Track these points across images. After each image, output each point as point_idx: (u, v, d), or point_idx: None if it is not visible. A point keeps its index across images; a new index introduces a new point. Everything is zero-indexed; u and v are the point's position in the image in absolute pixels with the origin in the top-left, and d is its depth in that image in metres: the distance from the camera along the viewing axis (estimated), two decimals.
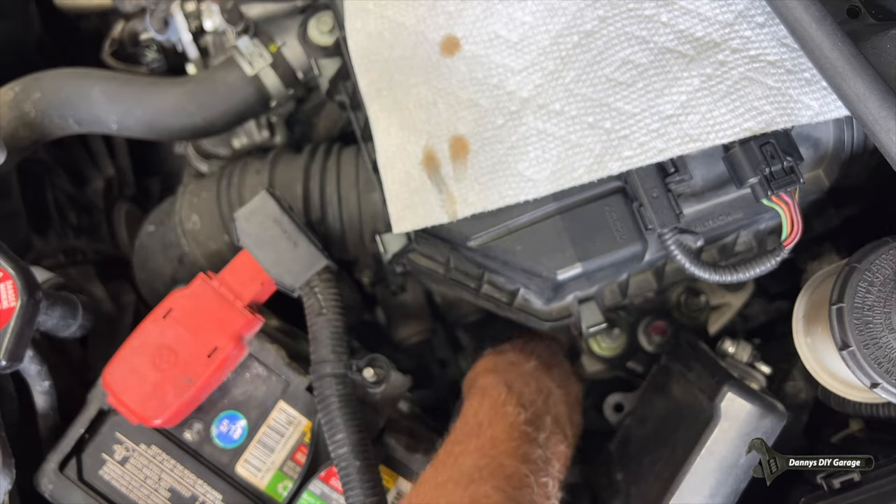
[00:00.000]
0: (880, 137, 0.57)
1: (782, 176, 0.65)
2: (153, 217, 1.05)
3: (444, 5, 0.74)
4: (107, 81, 0.94)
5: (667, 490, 0.72)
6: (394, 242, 0.79)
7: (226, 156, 1.13)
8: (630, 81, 0.69)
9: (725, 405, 0.70)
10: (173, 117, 0.95)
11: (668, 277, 0.83)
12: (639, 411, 0.91)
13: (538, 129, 0.70)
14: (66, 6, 1.10)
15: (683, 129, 0.67)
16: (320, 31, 0.94)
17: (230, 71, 0.96)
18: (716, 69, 0.67)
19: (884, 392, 0.62)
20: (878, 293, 0.63)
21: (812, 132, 0.74)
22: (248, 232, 0.80)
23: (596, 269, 0.73)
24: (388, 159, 0.75)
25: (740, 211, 0.75)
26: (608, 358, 1.02)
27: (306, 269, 0.79)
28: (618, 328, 1.00)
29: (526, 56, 0.71)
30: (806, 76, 0.66)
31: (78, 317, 0.81)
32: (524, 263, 0.73)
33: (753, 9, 0.67)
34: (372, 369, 0.79)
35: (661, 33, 0.69)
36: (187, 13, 1.03)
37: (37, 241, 1.00)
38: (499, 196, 0.71)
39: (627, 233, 0.72)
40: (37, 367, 0.78)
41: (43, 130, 0.92)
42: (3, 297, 0.69)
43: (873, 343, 0.62)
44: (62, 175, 1.13)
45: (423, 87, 0.74)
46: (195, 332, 0.77)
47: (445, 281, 0.81)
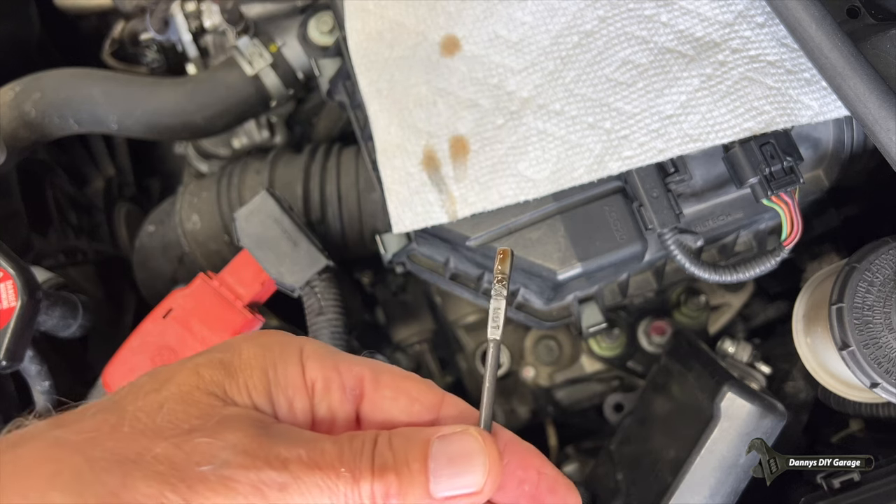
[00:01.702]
0: (880, 137, 0.57)
1: (782, 176, 0.65)
2: (153, 217, 1.05)
3: (444, 5, 0.74)
4: (107, 81, 0.95)
5: (667, 490, 0.72)
6: (394, 242, 0.79)
7: (226, 156, 1.13)
8: (630, 81, 0.69)
9: (725, 405, 0.70)
10: (173, 117, 0.95)
11: (668, 277, 0.83)
12: (639, 411, 0.91)
13: (538, 129, 0.70)
14: (66, 6, 1.10)
15: (683, 129, 0.67)
16: (320, 31, 0.94)
17: (230, 71, 0.96)
18: (716, 69, 0.67)
19: (884, 392, 0.62)
20: (878, 293, 0.63)
21: (812, 132, 0.74)
22: (248, 232, 0.80)
23: (596, 269, 0.73)
24: (389, 159, 0.74)
25: (740, 211, 0.75)
26: (608, 358, 1.02)
27: (306, 269, 0.79)
28: (618, 328, 1.00)
29: (526, 56, 0.71)
30: (806, 76, 0.66)
31: (78, 317, 0.81)
32: (524, 263, 0.73)
33: (753, 9, 0.67)
34: None
35: (661, 33, 0.69)
36: (187, 13, 1.03)
37: (37, 241, 1.00)
38: (499, 196, 0.71)
39: (627, 233, 0.72)
40: (37, 367, 0.78)
41: (43, 130, 0.92)
42: (3, 297, 0.69)
43: (873, 343, 0.62)
44: (62, 175, 1.12)
45: (423, 87, 0.74)
46: (195, 332, 0.77)
47: (445, 281, 0.81)
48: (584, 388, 1.04)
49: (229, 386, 0.39)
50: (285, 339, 0.42)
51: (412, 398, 0.43)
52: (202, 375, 0.39)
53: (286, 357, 0.41)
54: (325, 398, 0.41)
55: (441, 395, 0.44)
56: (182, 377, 0.39)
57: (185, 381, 0.39)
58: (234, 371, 0.40)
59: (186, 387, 0.39)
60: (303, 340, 0.43)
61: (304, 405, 0.41)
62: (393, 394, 0.42)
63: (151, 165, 1.33)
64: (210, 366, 0.40)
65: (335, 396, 0.41)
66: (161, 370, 0.40)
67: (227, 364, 0.40)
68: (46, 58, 1.09)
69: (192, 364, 0.40)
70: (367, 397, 0.42)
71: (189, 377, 0.39)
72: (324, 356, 0.42)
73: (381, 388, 0.42)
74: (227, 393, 0.39)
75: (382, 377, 0.43)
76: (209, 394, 0.39)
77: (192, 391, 0.39)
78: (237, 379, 0.40)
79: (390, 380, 0.43)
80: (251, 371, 0.40)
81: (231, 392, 0.39)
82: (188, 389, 0.39)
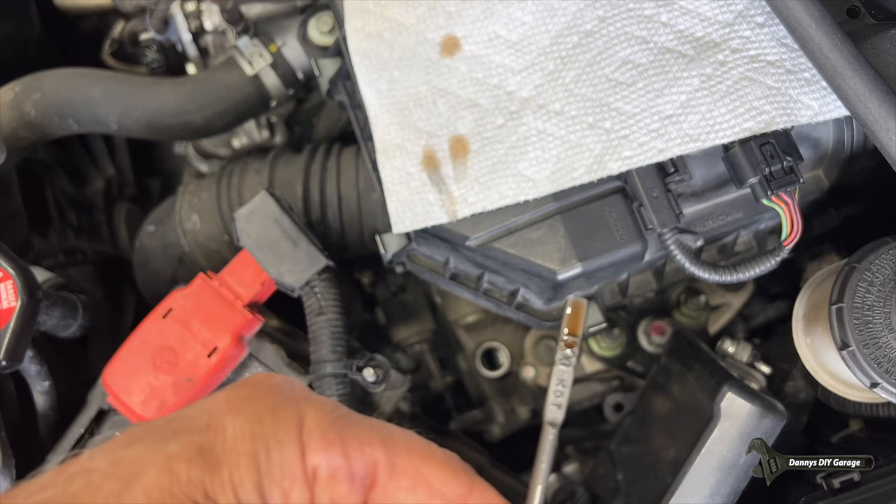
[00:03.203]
0: (880, 137, 0.57)
1: (782, 176, 0.65)
2: (153, 217, 1.05)
3: (444, 5, 0.74)
4: (107, 81, 0.95)
5: (667, 490, 0.72)
6: (394, 242, 0.79)
7: (226, 156, 1.13)
8: (630, 81, 0.69)
9: (725, 405, 0.70)
10: (173, 117, 0.95)
11: (668, 277, 0.83)
12: (639, 411, 0.91)
13: (538, 129, 0.70)
14: (66, 6, 1.10)
15: (683, 129, 0.67)
16: (320, 31, 0.94)
17: (230, 71, 0.96)
18: (716, 69, 0.67)
19: (883, 392, 0.62)
20: (877, 293, 0.63)
21: (812, 132, 0.74)
22: (248, 232, 0.80)
23: (596, 269, 0.73)
24: (389, 159, 0.74)
25: (740, 211, 0.75)
26: (608, 358, 1.02)
27: (306, 269, 0.79)
28: (618, 328, 1.00)
29: (526, 56, 0.71)
30: (806, 76, 0.66)
31: (78, 317, 0.81)
32: (524, 263, 0.73)
33: (753, 9, 0.67)
34: (372, 369, 0.79)
35: (661, 33, 0.69)
36: (187, 13, 1.03)
37: (37, 241, 1.00)
38: (499, 196, 0.71)
39: (627, 233, 0.72)
40: (37, 367, 0.78)
41: (43, 130, 0.92)
42: (3, 297, 0.69)
43: (873, 343, 0.62)
44: (62, 175, 1.13)
45: (423, 87, 0.74)
46: (195, 332, 0.77)
47: (445, 281, 0.81)
48: (584, 388, 1.04)
49: (211, 484, 0.32)
50: (279, 402, 0.35)
51: (433, 490, 0.36)
52: (177, 475, 0.32)
53: (281, 436, 0.34)
54: (328, 489, 0.34)
55: (469, 484, 0.37)
56: (151, 477, 0.32)
57: (154, 484, 0.31)
58: (215, 462, 0.32)
59: (156, 493, 0.31)
60: (302, 403, 0.35)
61: (303, 499, 0.34)
62: (411, 483, 0.36)
63: (151, 165, 1.33)
64: (186, 458, 0.32)
65: (341, 489, 0.34)
66: (125, 458, 0.32)
67: (207, 451, 0.33)
68: (46, 58, 1.09)
69: (165, 455, 0.32)
70: (380, 486, 0.35)
71: (160, 477, 0.32)
72: (327, 430, 0.34)
73: (398, 477, 0.35)
74: (210, 494, 0.32)
75: (398, 460, 0.35)
76: (184, 503, 0.31)
77: (162, 500, 0.31)
78: (220, 473, 0.32)
79: (408, 465, 0.36)
80: (237, 459, 0.33)
81: (214, 492, 0.32)
82: (158, 497, 0.31)
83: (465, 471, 0.37)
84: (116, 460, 0.32)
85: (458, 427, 1.09)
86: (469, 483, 0.37)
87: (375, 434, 0.36)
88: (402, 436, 0.37)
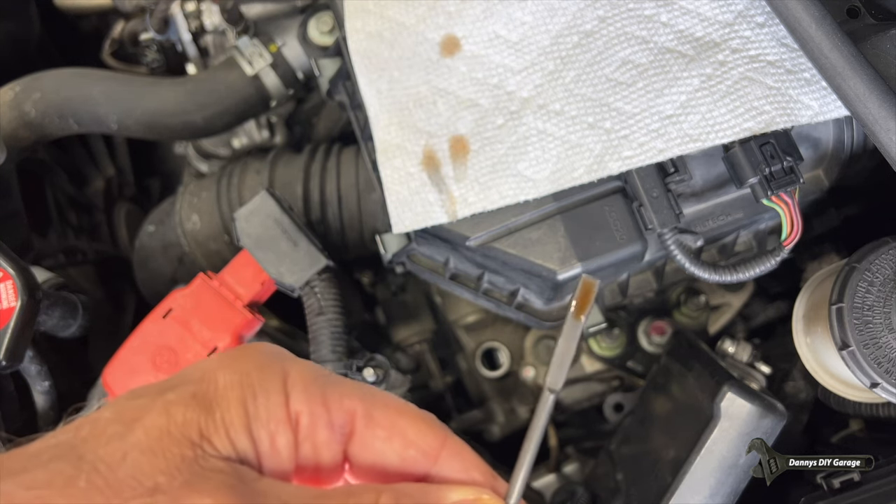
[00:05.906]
0: (880, 137, 0.57)
1: (782, 176, 0.65)
2: (153, 217, 1.05)
3: (444, 5, 0.74)
4: (107, 81, 0.95)
5: (667, 490, 0.72)
6: (394, 242, 0.79)
7: (226, 156, 1.13)
8: (630, 81, 0.69)
9: (725, 405, 0.70)
10: (173, 117, 0.95)
11: (668, 277, 0.83)
12: (639, 411, 0.91)
13: (538, 129, 0.70)
14: (66, 6, 1.10)
15: (683, 129, 0.67)
16: (320, 31, 0.94)
17: (230, 71, 0.96)
18: (716, 69, 0.67)
19: (883, 392, 0.62)
20: (877, 293, 0.63)
21: (812, 132, 0.74)
22: (248, 232, 0.80)
23: (596, 269, 0.73)
24: (389, 159, 0.74)
25: (740, 211, 0.75)
26: (608, 358, 1.02)
27: (306, 269, 0.79)
28: (618, 328, 1.00)
29: (526, 56, 0.71)
30: (806, 76, 0.66)
31: (78, 317, 0.81)
32: (524, 263, 0.73)
33: (753, 9, 0.67)
34: (372, 369, 0.79)
35: (661, 33, 0.69)
36: (187, 13, 1.03)
37: (37, 241, 1.00)
38: (499, 196, 0.71)
39: (627, 233, 0.72)
40: (37, 367, 0.78)
41: (43, 130, 0.92)
42: (3, 297, 0.69)
43: (873, 343, 0.62)
44: (62, 175, 1.13)
45: (423, 87, 0.74)
46: (195, 332, 0.77)
47: (445, 281, 0.81)
48: (584, 388, 1.04)
49: (205, 424, 0.35)
50: (266, 361, 0.38)
51: (408, 441, 0.38)
52: (173, 416, 0.34)
53: (267, 385, 0.36)
54: (310, 435, 0.37)
55: (442, 436, 0.39)
56: (151, 419, 0.34)
57: (153, 424, 0.34)
58: (209, 405, 0.35)
59: (155, 431, 0.34)
60: (287, 362, 0.38)
61: (287, 441, 0.36)
62: (387, 434, 0.38)
63: (151, 165, 1.33)
64: (182, 402, 0.35)
65: (322, 435, 0.37)
66: (128, 406, 0.35)
67: (201, 397, 0.35)
68: (46, 58, 1.09)
69: (163, 401, 0.35)
70: (358, 436, 0.38)
71: (158, 418, 0.34)
72: (310, 384, 0.37)
73: (374, 427, 0.38)
74: (204, 433, 0.35)
75: (376, 413, 0.38)
76: (181, 440, 0.34)
77: (160, 437, 0.34)
78: (213, 415, 0.35)
79: (384, 417, 0.38)
80: (228, 404, 0.35)
81: (208, 431, 0.35)
82: (157, 435, 0.34)
83: (441, 426, 0.39)
84: (120, 409, 0.36)
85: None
86: (443, 436, 0.39)
87: (356, 389, 0.39)
88: (381, 393, 0.39)
